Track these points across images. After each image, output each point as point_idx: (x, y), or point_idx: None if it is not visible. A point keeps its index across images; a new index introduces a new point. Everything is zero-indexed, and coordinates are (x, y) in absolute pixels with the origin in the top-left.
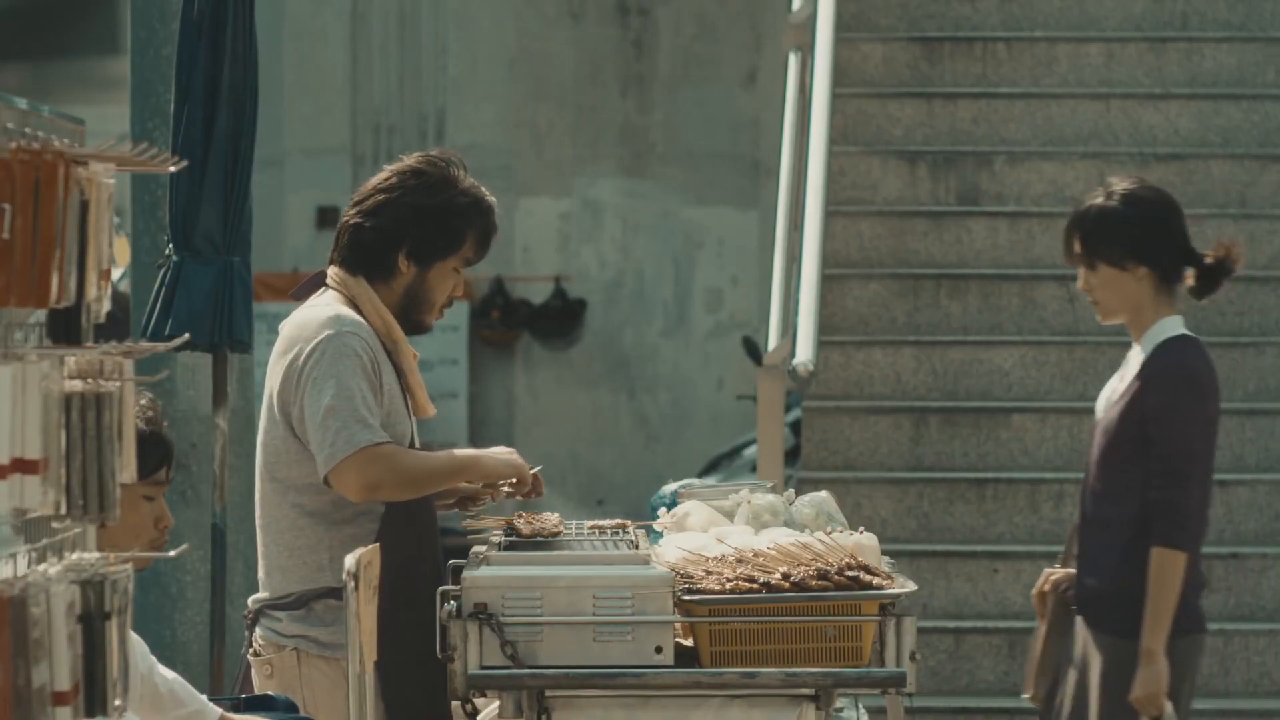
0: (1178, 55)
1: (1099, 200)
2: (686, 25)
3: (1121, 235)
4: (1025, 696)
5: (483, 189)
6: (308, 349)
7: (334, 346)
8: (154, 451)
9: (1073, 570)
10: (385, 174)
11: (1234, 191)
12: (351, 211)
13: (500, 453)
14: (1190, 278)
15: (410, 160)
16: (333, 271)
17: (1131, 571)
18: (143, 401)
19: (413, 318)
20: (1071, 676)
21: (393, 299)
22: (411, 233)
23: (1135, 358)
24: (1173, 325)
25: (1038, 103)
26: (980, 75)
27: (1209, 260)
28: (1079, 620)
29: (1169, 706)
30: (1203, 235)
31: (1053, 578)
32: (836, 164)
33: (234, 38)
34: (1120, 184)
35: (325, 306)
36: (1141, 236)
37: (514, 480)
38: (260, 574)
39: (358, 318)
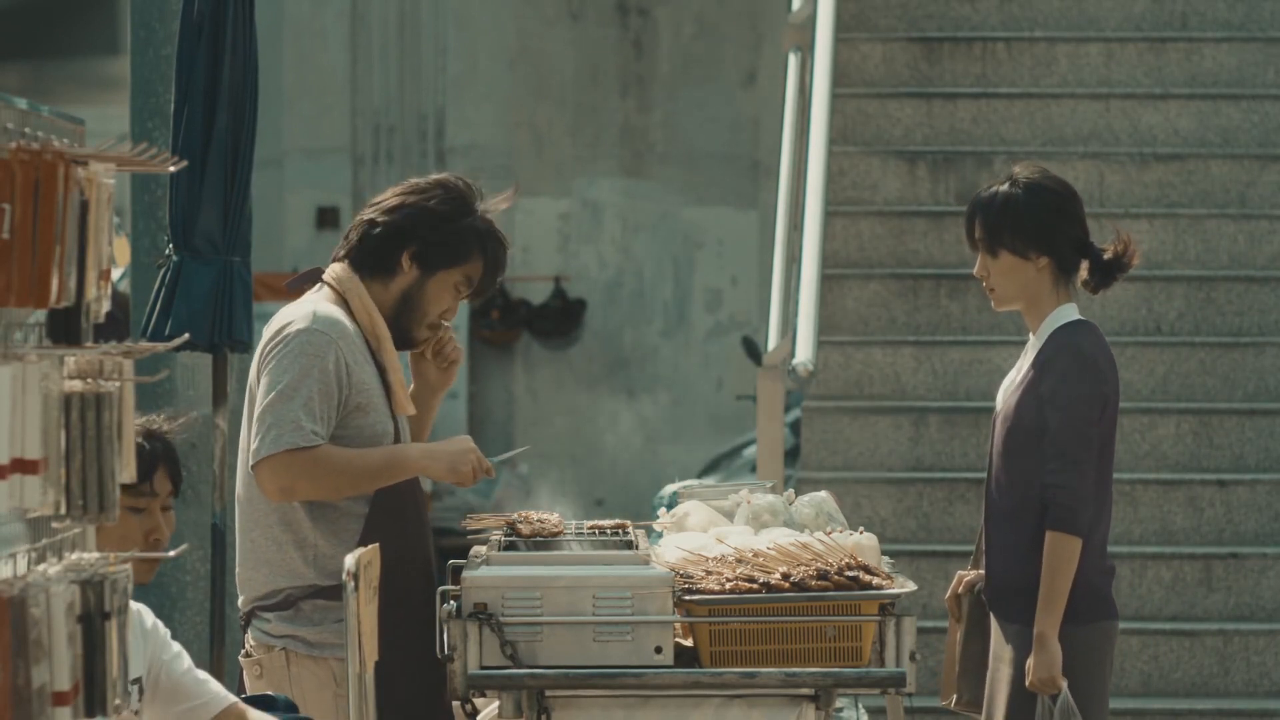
0: (1177, 55)
1: (1003, 187)
2: (686, 25)
3: (1026, 223)
4: (944, 703)
5: (497, 219)
6: (273, 341)
7: (297, 342)
8: (138, 464)
9: (984, 570)
10: (409, 183)
11: (1234, 191)
12: (368, 211)
13: (449, 453)
14: (1084, 271)
15: (436, 175)
16: (332, 268)
17: (1038, 560)
18: (153, 418)
19: (402, 324)
20: (990, 674)
21: (388, 299)
22: (422, 235)
23: (1032, 346)
24: (1068, 312)
25: (1037, 103)
26: (980, 75)
27: (1107, 255)
28: (992, 616)
29: (1064, 683)
30: (1204, 235)
31: (965, 579)
32: (836, 164)
33: (234, 38)
34: (1023, 172)
35: (307, 302)
36: (1045, 225)
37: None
38: (241, 572)
39: (336, 315)
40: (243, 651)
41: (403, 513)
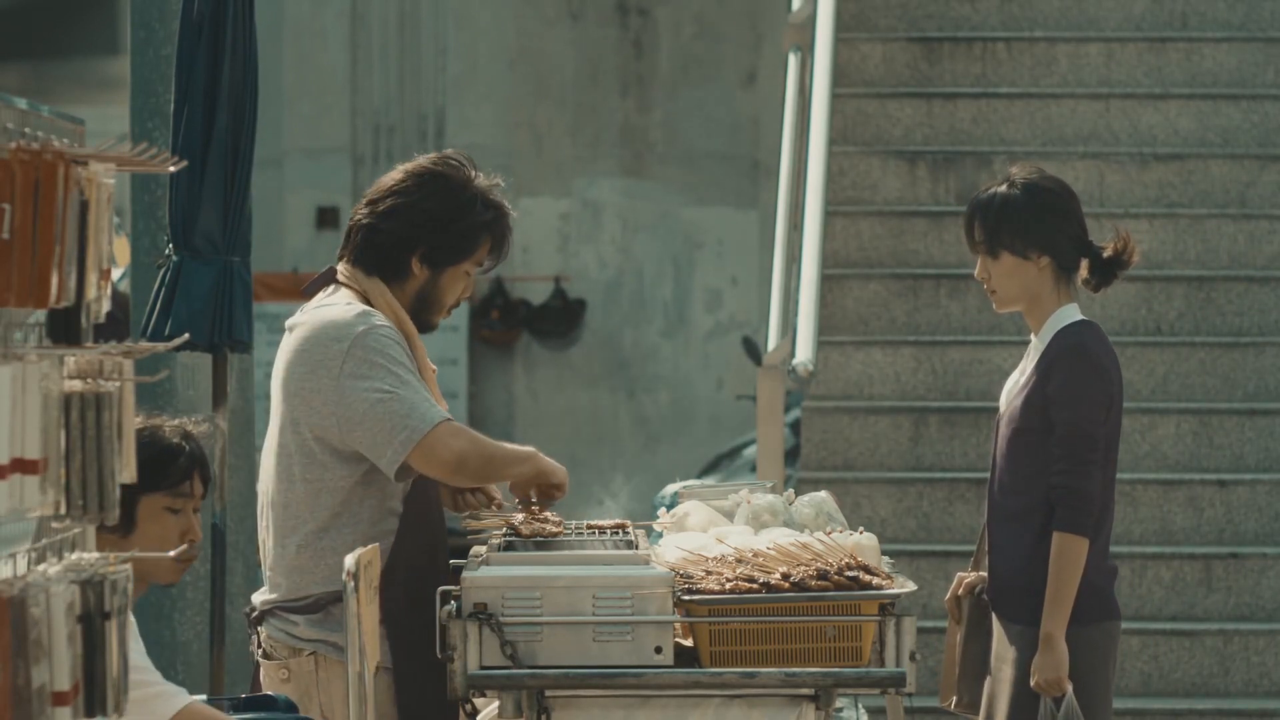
0: (1178, 55)
1: (1001, 189)
2: (686, 25)
3: (1025, 224)
4: (944, 705)
5: (498, 195)
6: (344, 347)
7: (372, 340)
8: (179, 464)
9: (985, 573)
10: (400, 175)
11: (1234, 191)
12: (364, 210)
13: (557, 464)
14: (1084, 269)
15: (425, 162)
16: (344, 268)
17: (1042, 561)
18: (186, 420)
19: (420, 318)
20: (991, 674)
21: (403, 299)
22: (426, 237)
23: (1035, 348)
24: (1070, 313)
25: (1037, 103)
26: (980, 75)
27: (1107, 253)
28: (995, 617)
29: (1070, 686)
30: (1204, 235)
31: (966, 581)
32: (836, 164)
33: (234, 38)
34: (1021, 173)
35: (346, 305)
36: (1045, 225)
37: (551, 488)
38: (271, 574)
39: (381, 314)
40: (260, 651)
41: (429, 516)
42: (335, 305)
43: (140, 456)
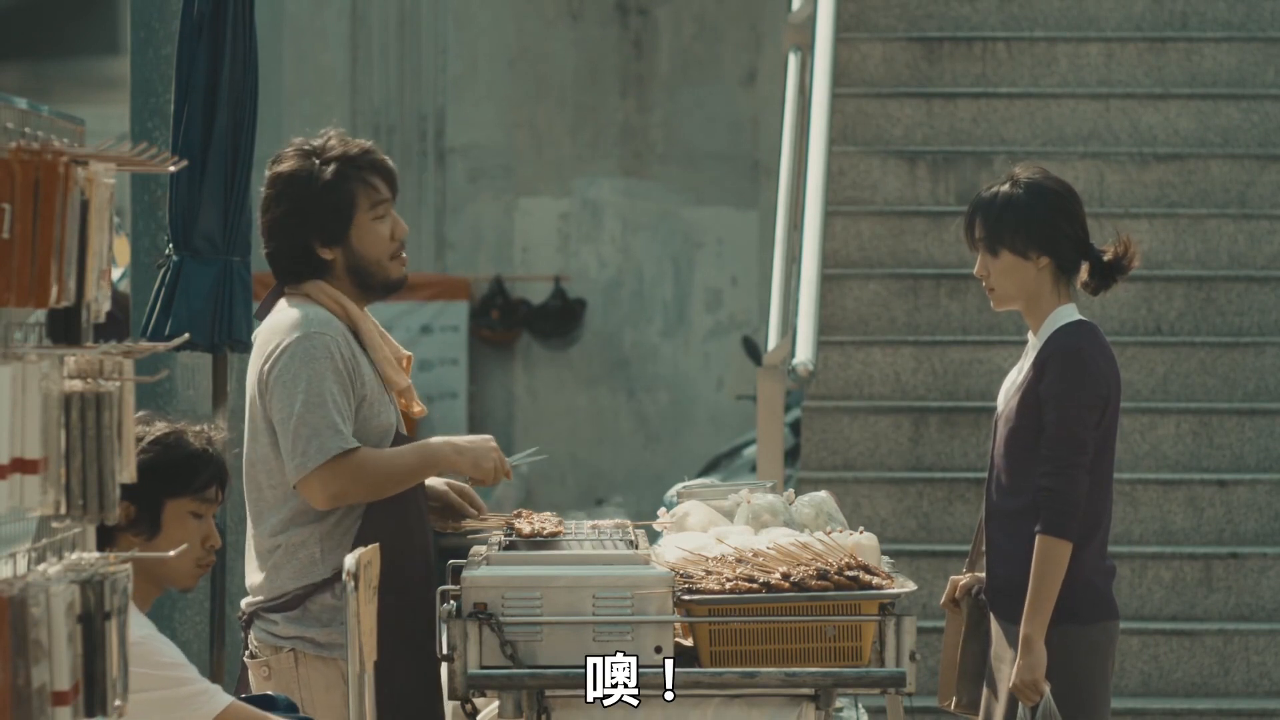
0: (1177, 55)
1: (1004, 188)
2: (686, 25)
3: (1027, 223)
4: (943, 705)
5: (338, 142)
6: (277, 352)
7: (303, 349)
8: (205, 469)
9: (980, 574)
10: (262, 197)
11: (1234, 191)
12: (264, 248)
13: (473, 449)
14: (1085, 272)
15: (270, 168)
16: (286, 288)
17: None
18: (208, 426)
19: (374, 282)
20: (989, 674)
21: (344, 284)
22: (309, 226)
23: (1033, 346)
24: (1068, 313)
25: (1037, 103)
26: (980, 75)
27: (1107, 256)
28: (992, 617)
29: (1047, 687)
30: (1204, 235)
31: (961, 583)
32: (836, 164)
33: (234, 38)
34: (1024, 173)
35: (290, 310)
36: (1046, 225)
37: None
38: (251, 575)
39: (323, 313)
40: (247, 653)
41: (401, 503)
42: (280, 313)
43: (167, 459)
